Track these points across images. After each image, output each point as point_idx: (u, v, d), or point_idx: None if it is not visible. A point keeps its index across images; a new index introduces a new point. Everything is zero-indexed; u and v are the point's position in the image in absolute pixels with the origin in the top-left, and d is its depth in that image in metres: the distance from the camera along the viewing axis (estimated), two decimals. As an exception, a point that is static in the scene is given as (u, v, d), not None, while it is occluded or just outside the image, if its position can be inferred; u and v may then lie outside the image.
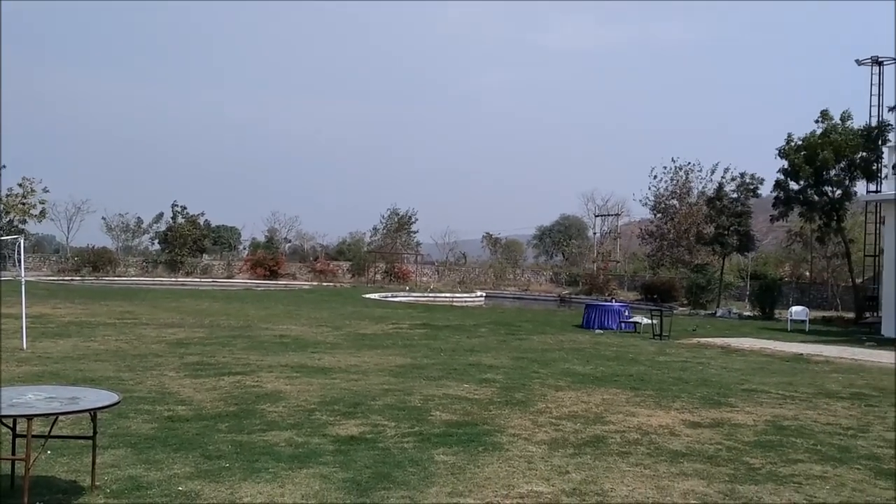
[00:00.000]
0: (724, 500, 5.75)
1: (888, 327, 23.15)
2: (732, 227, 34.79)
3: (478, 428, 7.86)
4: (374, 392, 9.71)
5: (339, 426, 7.71)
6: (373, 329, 18.97)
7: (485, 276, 55.81)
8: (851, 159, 29.35)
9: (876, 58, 31.32)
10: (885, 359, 15.90)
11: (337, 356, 13.28)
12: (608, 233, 59.90)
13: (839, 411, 9.69)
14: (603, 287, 44.19)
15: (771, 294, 31.83)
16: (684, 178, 47.87)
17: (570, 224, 71.01)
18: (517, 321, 23.69)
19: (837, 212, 30.46)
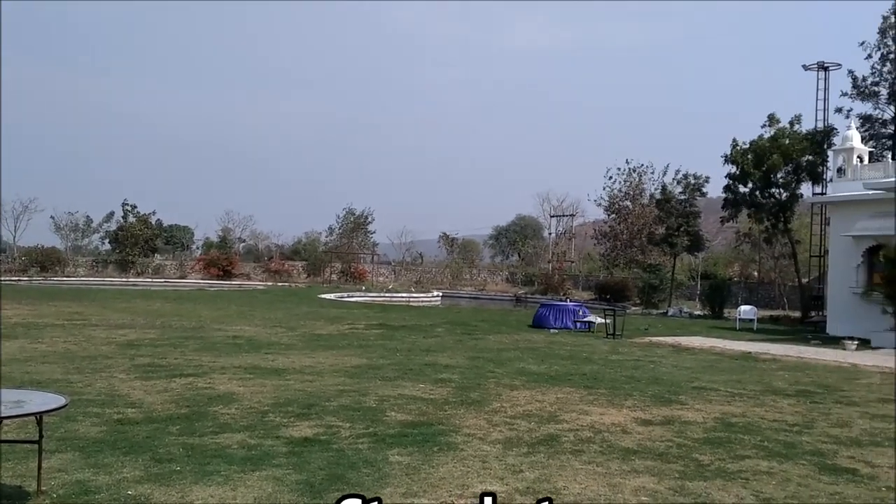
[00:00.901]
0: (674, 497, 5.86)
1: (833, 326, 23.80)
2: (682, 227, 35.40)
3: (433, 428, 7.88)
4: (328, 393, 9.66)
5: (292, 428, 7.66)
6: (328, 329, 18.85)
7: (441, 276, 55.89)
8: (798, 162, 30.11)
9: (822, 63, 32.17)
10: (829, 356, 16.34)
11: (291, 357, 13.18)
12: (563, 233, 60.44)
13: (785, 408, 9.93)
14: (558, 287, 44.60)
15: (720, 293, 32.48)
16: (637, 179, 48.55)
17: (526, 224, 71.53)
18: (473, 321, 23.78)
19: (784, 213, 31.23)
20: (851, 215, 23.62)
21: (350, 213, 58.82)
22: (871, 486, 6.37)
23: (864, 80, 33.38)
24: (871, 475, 6.69)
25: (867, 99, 33.52)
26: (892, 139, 32.07)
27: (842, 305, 23.70)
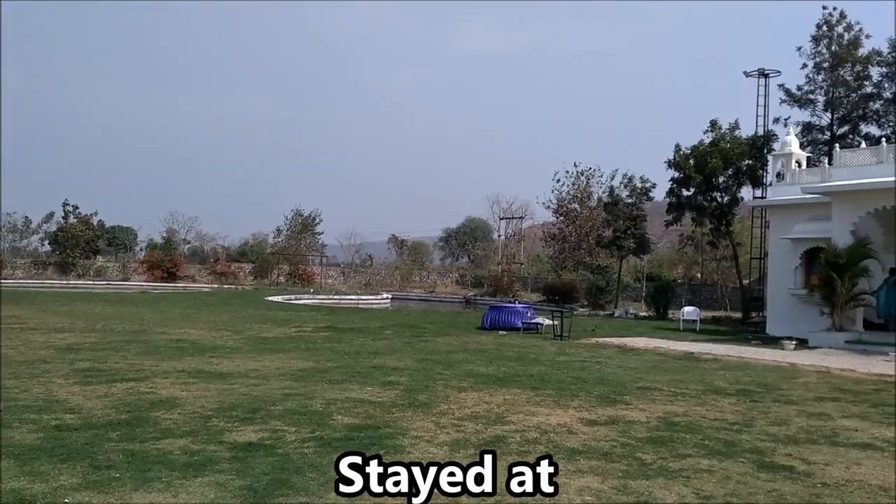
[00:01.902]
0: (618, 496, 5.94)
1: (772, 326, 24.43)
2: (628, 230, 35.98)
3: (380, 431, 7.85)
4: (274, 397, 9.55)
5: (236, 433, 7.55)
6: (275, 332, 18.65)
7: (391, 278, 55.79)
8: (738, 167, 30.86)
9: (762, 70, 33.03)
10: (768, 356, 16.77)
11: (236, 361, 13.00)
12: (513, 235, 60.92)
13: (726, 407, 10.15)
14: (507, 289, 44.92)
15: (665, 295, 33.09)
16: (585, 182, 49.22)
17: (475, 226, 71.87)
18: (422, 323, 23.78)
19: (726, 217, 31.98)
20: (790, 219, 24.29)
21: (298, 215, 58.32)
22: (807, 482, 6.55)
23: (799, 89, 34.37)
24: (807, 472, 6.88)
25: (804, 107, 34.53)
26: (828, 145, 33.07)
27: (781, 306, 24.35)
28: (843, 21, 33.10)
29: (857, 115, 33.93)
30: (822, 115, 34.53)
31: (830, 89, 33.81)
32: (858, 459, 7.43)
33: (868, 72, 33.53)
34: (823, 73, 33.64)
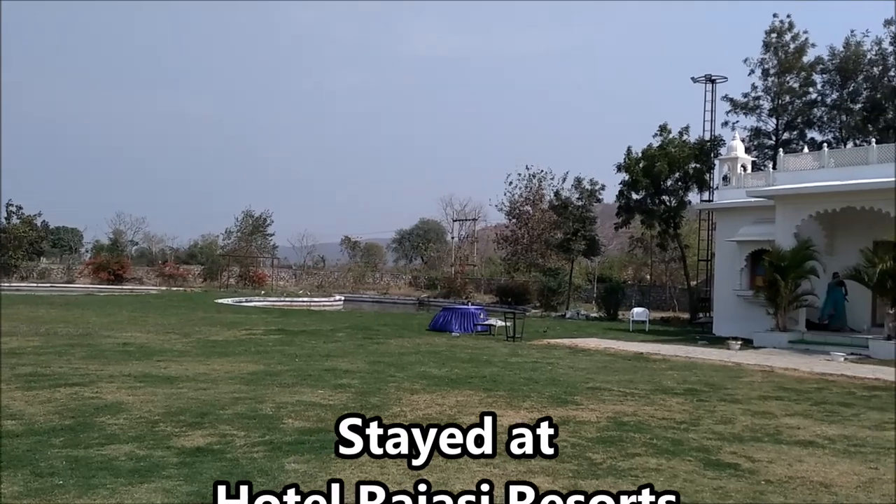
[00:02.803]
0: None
1: (719, 327, 24.94)
2: (579, 232, 36.37)
3: (331, 434, 7.77)
4: (223, 401, 9.42)
5: (184, 437, 7.43)
6: (224, 335, 18.40)
7: (344, 280, 55.49)
8: (686, 170, 31.44)
9: (709, 76, 33.70)
10: (714, 356, 17.11)
11: (184, 364, 12.79)
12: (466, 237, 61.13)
13: (674, 406, 10.34)
14: (461, 290, 45.03)
15: (615, 296, 33.53)
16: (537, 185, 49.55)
17: (429, 228, 71.85)
18: (375, 325, 23.70)
19: (674, 219, 32.55)
20: (736, 221, 24.83)
21: (249, 216, 57.65)
22: (751, 479, 6.70)
23: (746, 95, 35.16)
24: (751, 469, 7.04)
25: (750, 112, 35.33)
26: (774, 150, 33.89)
27: (727, 307, 24.87)
28: (791, 29, 33.99)
29: (801, 121, 34.86)
30: (768, 121, 35.39)
31: (776, 96, 34.68)
32: (801, 457, 7.63)
33: (812, 79, 34.49)
34: (770, 80, 34.48)
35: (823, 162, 21.37)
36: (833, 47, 34.14)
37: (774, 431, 8.86)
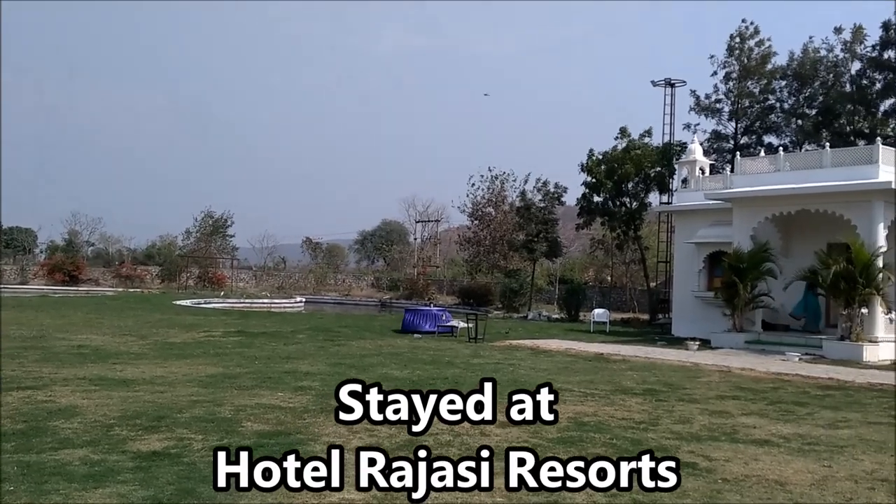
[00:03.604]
0: (528, 497, 6.00)
1: (677, 327, 25.27)
2: (541, 234, 36.60)
3: (291, 437, 7.73)
4: (180, 404, 9.28)
5: (140, 441, 7.30)
6: (182, 337, 18.14)
7: (305, 281, 55.09)
8: (647, 173, 31.84)
9: (668, 80, 34.19)
10: (673, 356, 17.33)
11: (141, 367, 12.58)
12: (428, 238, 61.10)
13: (633, 406, 10.44)
14: (423, 292, 44.99)
15: (576, 297, 33.80)
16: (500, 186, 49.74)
17: (391, 229, 71.66)
18: (336, 327, 23.57)
19: (635, 221, 32.93)
20: (694, 224, 25.18)
21: (208, 217, 56.95)
22: (709, 478, 6.79)
23: (707, 98, 35.74)
24: (709, 468, 7.13)
25: (711, 115, 35.92)
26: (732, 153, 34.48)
27: (685, 308, 25.20)
28: (755, 36, 34.63)
29: (759, 126, 35.54)
30: (728, 124, 36.02)
31: (736, 100, 35.30)
32: (757, 455, 7.75)
33: (772, 85, 35.20)
34: (731, 84, 35.09)
35: (779, 165, 21.77)
36: (792, 52, 34.93)
37: (731, 431, 8.99)
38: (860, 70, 33.74)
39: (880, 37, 32.66)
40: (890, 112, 33.31)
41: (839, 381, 14.04)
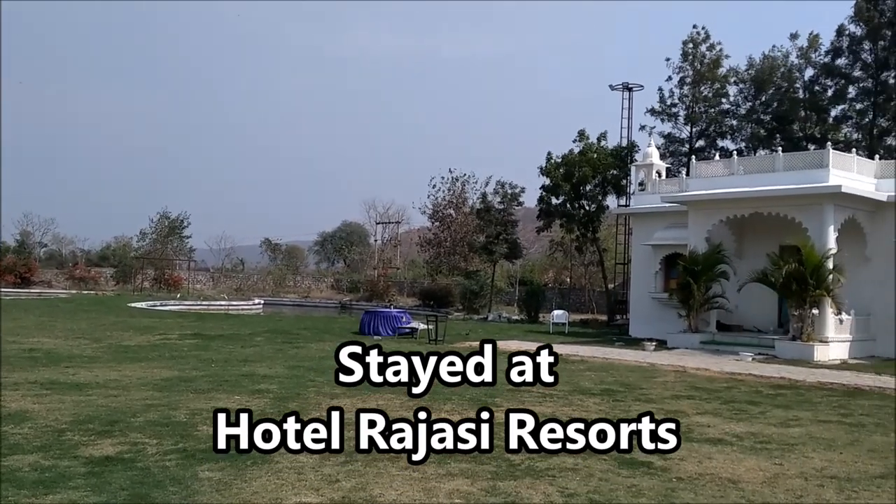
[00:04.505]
0: (486, 497, 6.04)
1: (635, 328, 25.58)
2: (501, 235, 36.76)
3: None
4: (134, 408, 9.13)
5: (92, 446, 7.17)
6: (137, 340, 17.86)
7: (264, 283, 54.58)
8: (605, 176, 32.17)
9: (626, 84, 34.59)
10: (630, 357, 17.54)
11: (94, 371, 12.34)
12: (389, 240, 60.92)
13: (591, 407, 10.54)
14: (383, 293, 44.86)
15: (536, 299, 34.00)
16: (461, 188, 49.85)
17: (351, 231, 71.31)
18: (295, 329, 23.39)
19: (593, 223, 33.27)
20: (651, 226, 25.53)
21: (164, 217, 56.08)
22: (663, 477, 6.89)
23: (663, 102, 36.26)
24: (664, 467, 7.23)
25: (668, 119, 36.44)
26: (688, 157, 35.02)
27: (642, 309, 25.52)
28: (707, 41, 35.21)
29: (714, 130, 36.16)
30: (683, 128, 36.57)
31: (691, 104, 35.87)
32: (710, 454, 7.88)
33: (726, 89, 35.85)
34: (685, 88, 35.64)
35: (733, 169, 22.17)
36: (751, 58, 35.61)
37: (686, 430, 9.11)
38: (813, 76, 34.55)
39: (832, 42, 33.48)
40: (841, 118, 34.17)
41: (791, 380, 14.35)
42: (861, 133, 33.38)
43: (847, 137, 33.01)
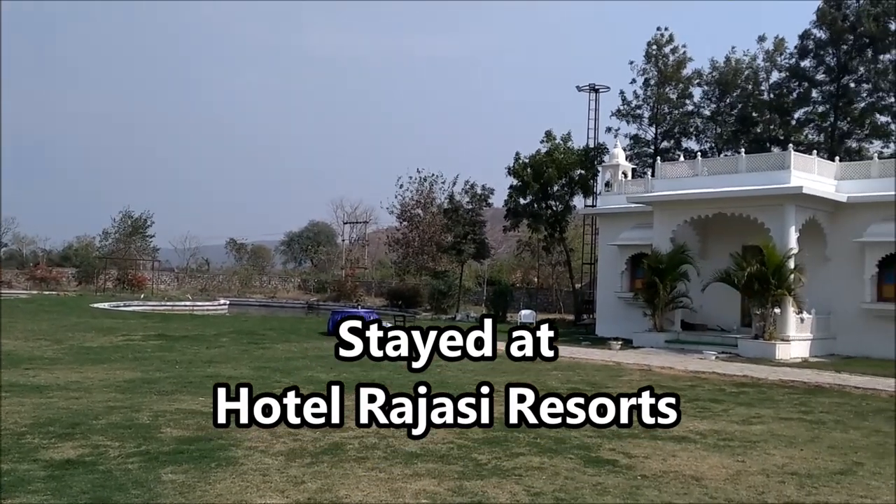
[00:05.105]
0: (453, 497, 6.04)
1: (601, 328, 25.78)
2: (469, 235, 36.81)
3: (212, 443, 7.56)
4: (96, 410, 8.99)
5: (53, 450, 7.04)
6: (100, 341, 17.59)
7: (229, 284, 54.07)
8: (571, 176, 32.37)
9: (593, 85, 34.83)
10: (596, 356, 17.67)
11: (56, 372, 12.13)
12: (357, 240, 60.67)
13: (557, 406, 10.58)
14: (351, 293, 44.68)
15: (504, 298, 34.10)
16: (428, 188, 49.83)
17: (319, 231, 70.88)
18: (261, 329, 23.20)
19: (560, 224, 33.46)
20: (617, 226, 25.74)
21: (127, 217, 55.27)
22: (628, 475, 6.95)
23: (628, 104, 36.57)
24: (628, 465, 7.30)
25: (633, 120, 36.77)
26: (652, 158, 35.37)
27: (609, 309, 25.73)
28: (671, 42, 35.60)
29: (678, 132, 36.57)
30: (648, 130, 36.93)
31: (656, 105, 36.23)
32: (674, 452, 7.98)
33: (690, 91, 36.27)
34: (650, 90, 35.98)
35: (698, 170, 22.43)
36: (714, 60, 36.05)
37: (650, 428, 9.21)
38: (778, 79, 35.09)
39: (796, 46, 34.01)
40: (804, 121, 34.74)
41: (753, 378, 14.57)
42: (822, 135, 33.97)
43: (809, 139, 33.58)
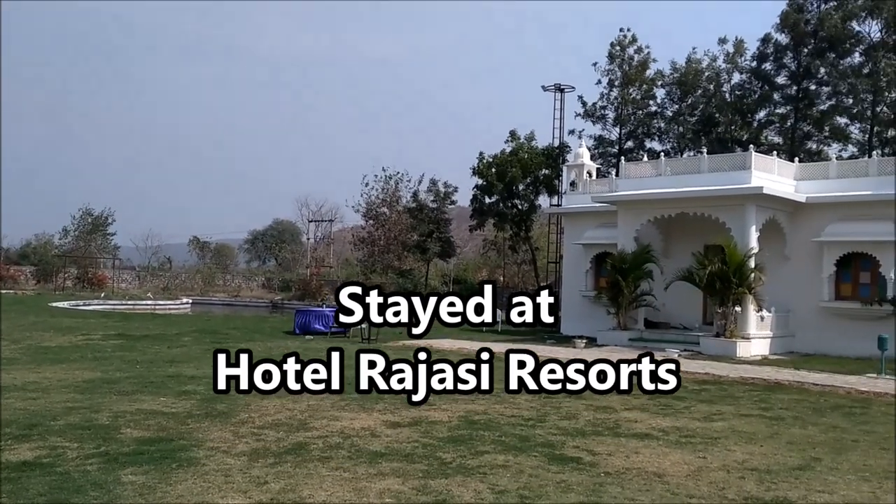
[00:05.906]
0: (417, 496, 6.03)
1: (566, 326, 25.93)
2: (434, 234, 36.85)
3: (173, 444, 7.46)
4: (54, 411, 8.81)
5: (10, 451, 6.90)
6: (58, 341, 17.25)
7: (192, 282, 53.44)
8: (536, 176, 32.56)
9: (559, 85, 35.07)
10: (561, 354, 17.74)
11: (13, 373, 11.87)
12: (322, 238, 60.30)
13: (522, 404, 10.65)
14: (316, 292, 44.42)
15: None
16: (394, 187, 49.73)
17: (283, 229, 70.39)
18: (224, 329, 22.96)
19: (525, 223, 33.65)
20: (582, 225, 25.93)
21: (87, 214, 54.32)
22: (592, 472, 7.00)
23: (593, 105, 36.88)
24: (592, 462, 7.35)
25: (597, 121, 37.08)
26: (616, 158, 35.71)
27: (573, 307, 25.89)
28: (634, 43, 35.95)
29: (641, 132, 36.96)
30: (613, 130, 37.28)
31: (620, 106, 36.57)
32: (637, 448, 8.05)
33: (653, 92, 36.67)
34: (614, 90, 36.31)
35: (661, 170, 22.69)
36: (674, 62, 36.46)
37: (614, 425, 9.31)
38: (739, 81, 35.65)
39: (758, 48, 34.58)
40: (765, 122, 35.34)
41: (714, 375, 14.77)
42: (783, 137, 34.59)
43: (769, 141, 34.17)
